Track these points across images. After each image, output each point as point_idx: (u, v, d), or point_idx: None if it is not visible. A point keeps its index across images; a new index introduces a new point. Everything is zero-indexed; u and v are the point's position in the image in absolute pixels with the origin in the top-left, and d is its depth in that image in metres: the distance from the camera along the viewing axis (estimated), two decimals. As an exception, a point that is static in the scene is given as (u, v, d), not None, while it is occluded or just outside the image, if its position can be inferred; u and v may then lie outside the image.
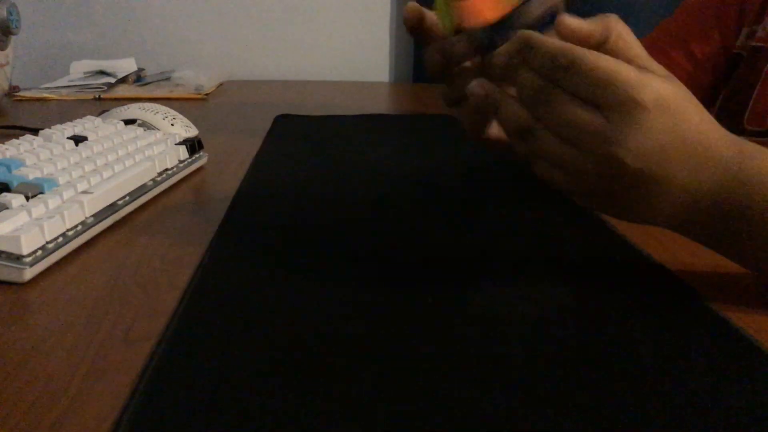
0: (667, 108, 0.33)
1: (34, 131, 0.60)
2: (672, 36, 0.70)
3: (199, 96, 1.12)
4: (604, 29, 0.35)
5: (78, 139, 0.58)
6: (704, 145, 0.35)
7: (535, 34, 0.35)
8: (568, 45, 0.34)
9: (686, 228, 0.38)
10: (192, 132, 0.68)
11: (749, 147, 0.36)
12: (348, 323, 0.35)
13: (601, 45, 0.35)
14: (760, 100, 0.56)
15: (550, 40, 0.35)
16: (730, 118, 0.59)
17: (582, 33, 0.35)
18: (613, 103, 0.33)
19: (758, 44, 0.58)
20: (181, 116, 0.70)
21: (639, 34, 0.71)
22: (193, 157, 0.64)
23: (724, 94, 0.61)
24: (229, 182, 0.61)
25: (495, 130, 0.40)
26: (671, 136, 0.34)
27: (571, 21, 0.35)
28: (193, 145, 0.65)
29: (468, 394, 0.29)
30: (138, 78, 1.24)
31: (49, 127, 0.61)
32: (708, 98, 0.65)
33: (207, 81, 1.19)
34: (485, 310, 0.37)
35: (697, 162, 0.35)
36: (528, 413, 0.28)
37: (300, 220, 0.51)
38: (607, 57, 0.34)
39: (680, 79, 0.69)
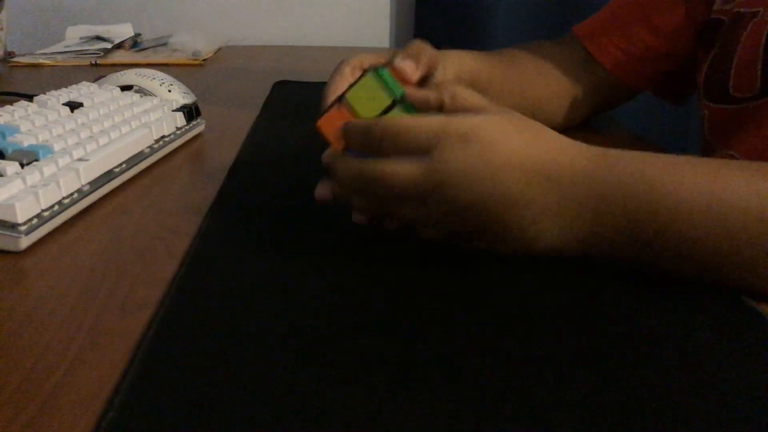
0: (474, 137, 0.35)
1: (29, 97, 0.59)
2: (632, 6, 0.66)
3: (196, 62, 1.10)
4: (438, 96, 0.39)
5: (73, 106, 0.57)
6: (540, 166, 0.36)
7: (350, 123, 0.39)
8: (373, 122, 0.38)
9: (598, 247, 0.37)
10: (189, 98, 0.67)
11: (608, 156, 0.37)
12: (346, 292, 0.35)
13: (442, 107, 0.38)
14: (742, 65, 0.54)
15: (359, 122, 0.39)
16: (718, 87, 0.56)
17: (427, 101, 0.39)
18: (423, 147, 0.35)
19: (739, 9, 0.55)
20: (178, 82, 0.69)
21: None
22: (191, 124, 0.63)
23: (710, 61, 0.59)
24: (227, 149, 0.60)
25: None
26: (485, 158, 0.35)
27: (416, 93, 0.39)
28: (191, 112, 0.64)
29: (474, 384, 0.29)
30: (135, 43, 1.22)
31: (44, 93, 0.60)
32: (685, 68, 0.62)
33: (204, 46, 1.17)
34: (487, 292, 0.37)
35: (539, 181, 0.36)
36: (542, 406, 0.28)
37: (298, 187, 0.51)
38: (408, 117, 0.38)
39: (641, 52, 0.66)
